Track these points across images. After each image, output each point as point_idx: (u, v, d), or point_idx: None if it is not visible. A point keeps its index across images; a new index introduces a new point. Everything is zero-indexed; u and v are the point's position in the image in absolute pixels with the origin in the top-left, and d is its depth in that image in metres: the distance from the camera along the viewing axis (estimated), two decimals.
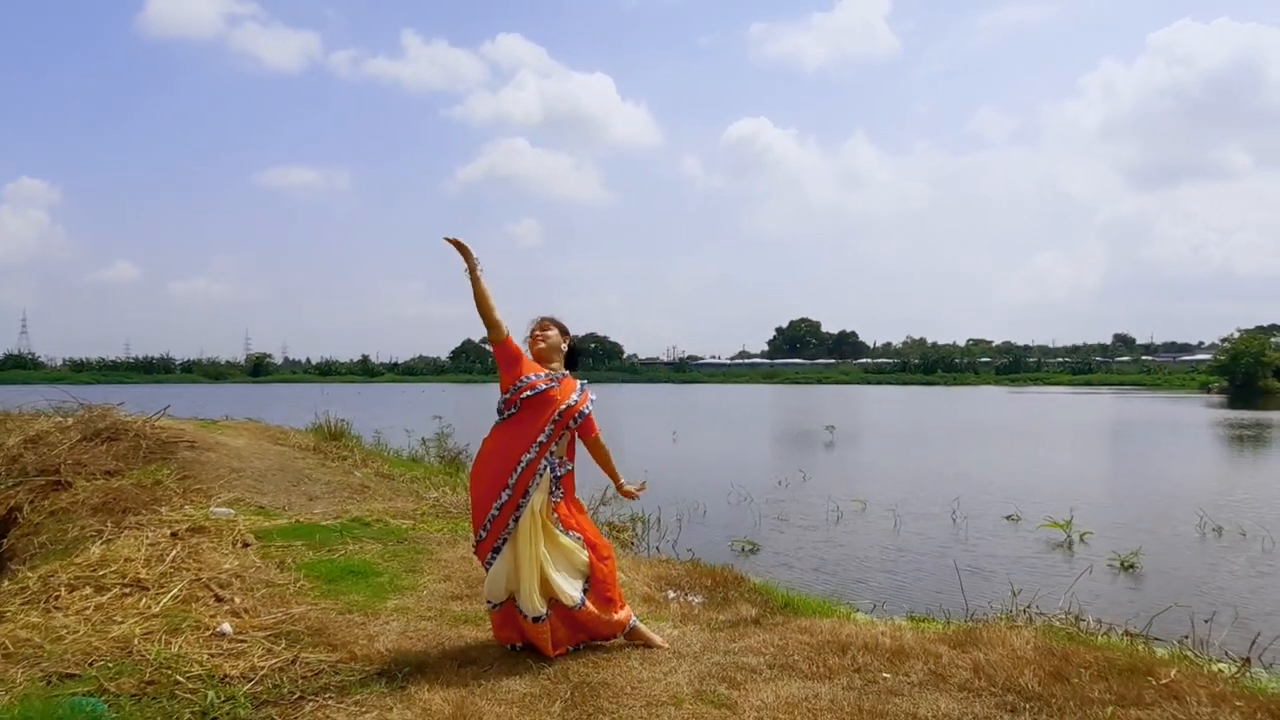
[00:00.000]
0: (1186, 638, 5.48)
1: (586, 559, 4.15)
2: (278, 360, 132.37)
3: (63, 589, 4.66)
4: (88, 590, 4.66)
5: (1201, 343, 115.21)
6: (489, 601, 4.13)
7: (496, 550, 4.03)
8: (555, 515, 4.10)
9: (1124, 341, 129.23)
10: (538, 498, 4.04)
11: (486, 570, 4.11)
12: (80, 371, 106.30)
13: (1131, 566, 8.01)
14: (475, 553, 4.20)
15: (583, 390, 4.30)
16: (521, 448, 4.02)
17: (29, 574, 5.04)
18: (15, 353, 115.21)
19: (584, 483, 4.29)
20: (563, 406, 4.11)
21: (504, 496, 3.98)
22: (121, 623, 4.17)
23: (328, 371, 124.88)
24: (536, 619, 4.02)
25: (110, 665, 3.66)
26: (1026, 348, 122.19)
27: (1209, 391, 67.11)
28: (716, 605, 5.31)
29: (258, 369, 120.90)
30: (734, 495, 11.72)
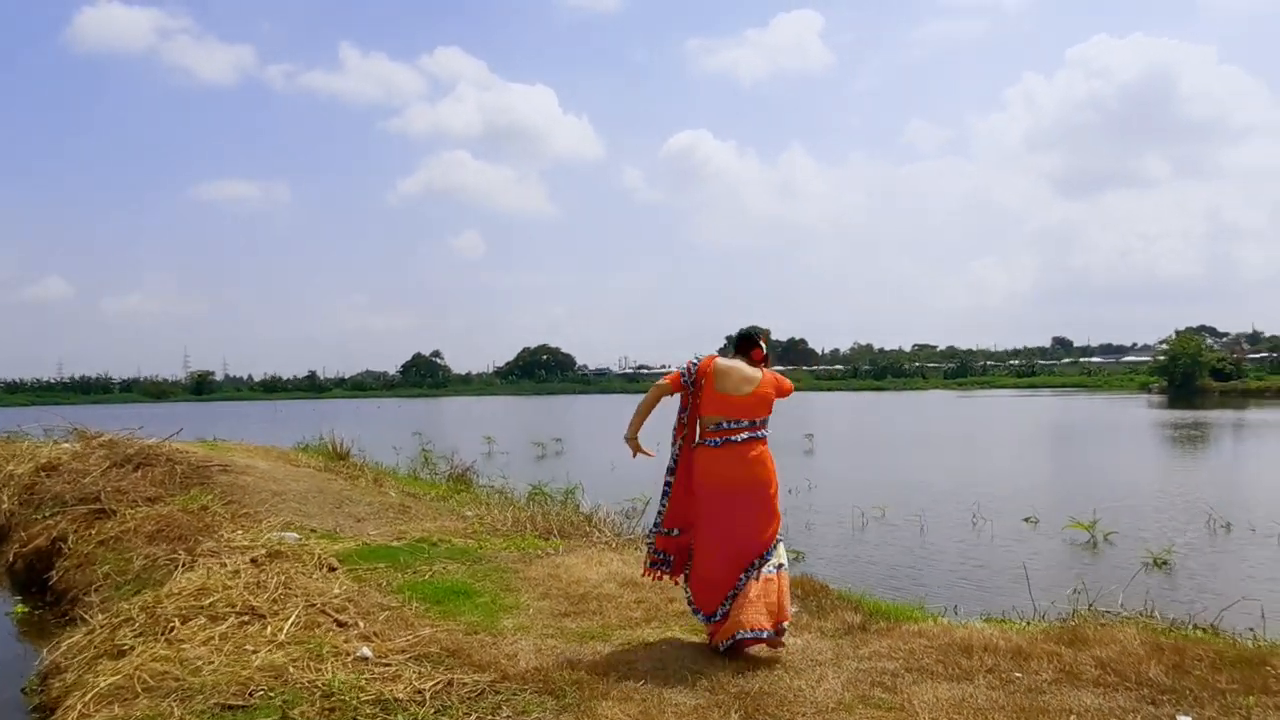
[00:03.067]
0: (1252, 629, 5.72)
1: None
2: (219, 377, 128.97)
3: (175, 620, 4.56)
4: (202, 620, 4.56)
5: (1135, 344, 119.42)
6: None
7: None
8: None
9: (1062, 344, 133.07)
10: None
11: None
12: (15, 393, 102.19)
13: (1165, 563, 8.33)
14: None
15: None
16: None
17: (126, 605, 4.91)
18: None
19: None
20: None
21: None
22: (256, 652, 4.10)
23: (273, 388, 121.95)
24: None
25: (274, 693, 3.61)
26: (970, 352, 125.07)
27: (1149, 391, 69.46)
28: (814, 613, 5.39)
29: (200, 386, 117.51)
30: None
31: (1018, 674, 4.17)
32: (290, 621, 4.51)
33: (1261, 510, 11.63)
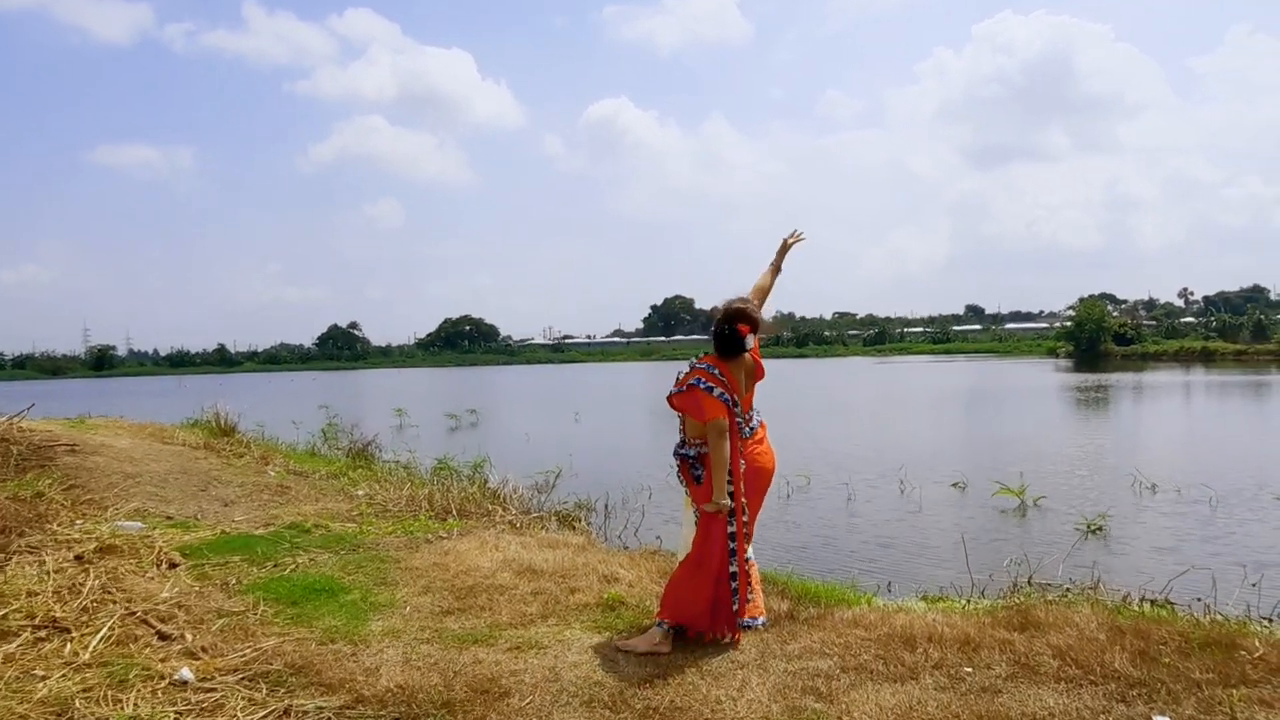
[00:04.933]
0: (1200, 599, 5.36)
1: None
2: (122, 352, 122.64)
3: None
4: None
5: (1042, 311, 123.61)
6: None
7: None
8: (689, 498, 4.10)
9: (975, 311, 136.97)
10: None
11: None
12: None
13: (1100, 529, 8.03)
14: None
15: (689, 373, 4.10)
16: None
17: None
18: None
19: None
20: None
21: None
22: (46, 678, 3.24)
23: (181, 363, 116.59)
24: None
25: None
26: (888, 319, 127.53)
27: (1057, 356, 71.76)
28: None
29: (101, 361, 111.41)
30: (669, 475, 11.20)
31: (968, 669, 3.61)
32: (100, 636, 3.65)
33: (1177, 470, 11.59)
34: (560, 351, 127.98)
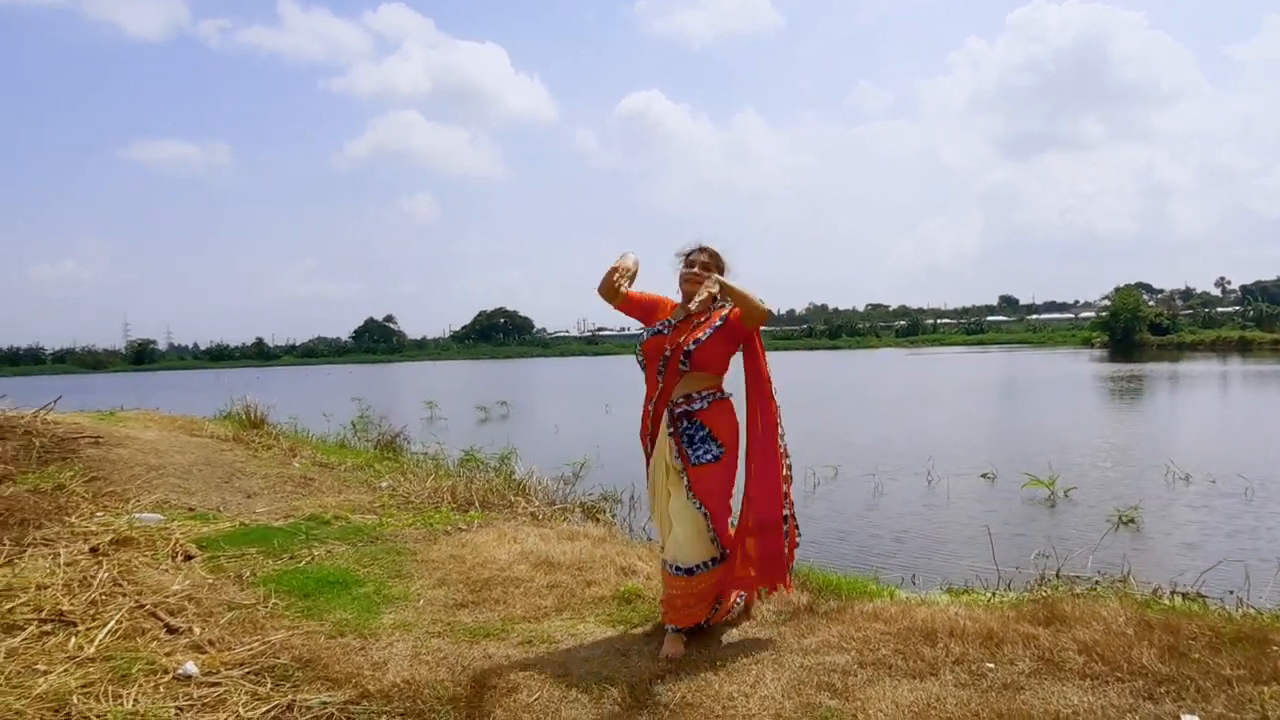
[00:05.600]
0: (1232, 592, 5.18)
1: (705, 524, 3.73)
2: (162, 346, 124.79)
3: None
4: None
5: (1078, 301, 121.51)
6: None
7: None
8: (681, 467, 3.65)
9: (1008, 302, 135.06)
10: (663, 442, 3.68)
11: None
12: None
13: (1131, 521, 7.80)
14: None
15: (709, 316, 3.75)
16: (648, 399, 3.78)
17: None
18: None
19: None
20: (667, 351, 3.69)
21: (648, 447, 3.81)
22: (47, 672, 3.23)
23: (220, 356, 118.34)
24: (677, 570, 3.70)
25: None
26: (920, 311, 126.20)
27: (1092, 346, 70.50)
28: (757, 592, 4.67)
29: (141, 356, 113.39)
30: None
31: (990, 665, 3.49)
32: (107, 629, 3.64)
33: (1212, 461, 11.27)
34: (594, 344, 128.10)
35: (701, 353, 3.65)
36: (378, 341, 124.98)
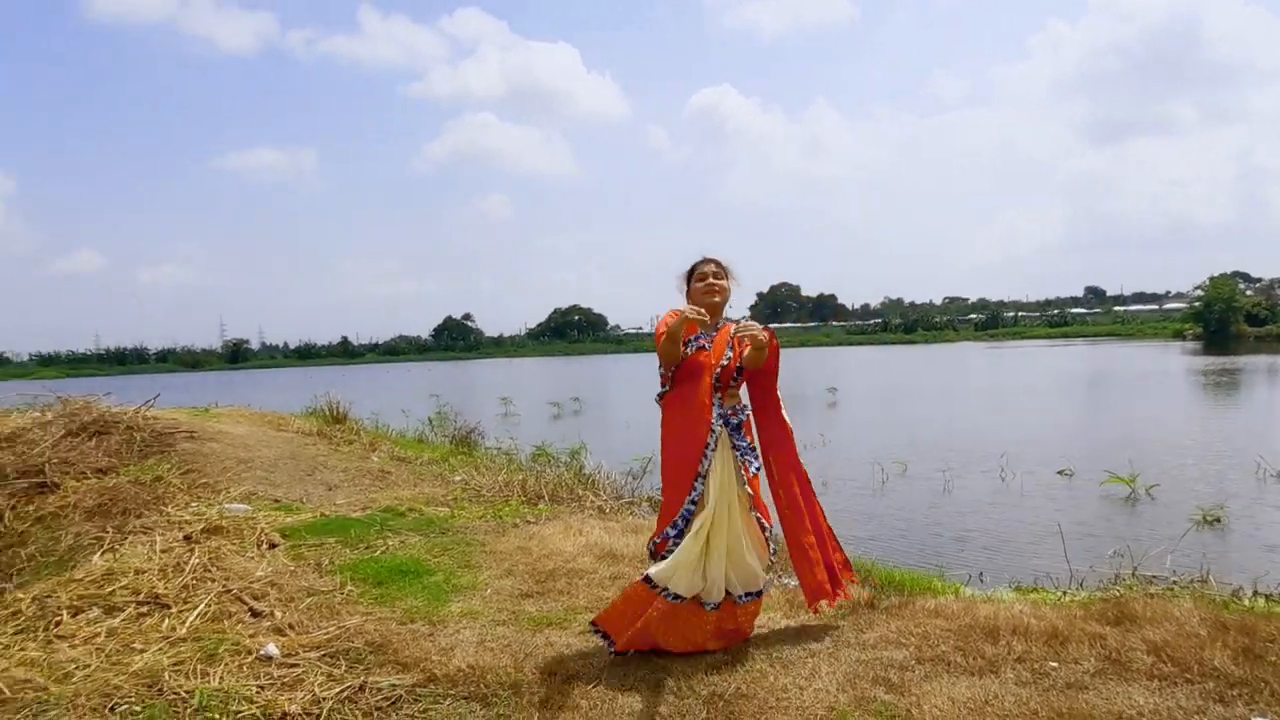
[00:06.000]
0: None
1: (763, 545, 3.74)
2: (254, 345, 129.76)
3: (65, 612, 3.94)
4: (95, 612, 3.95)
5: (1169, 292, 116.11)
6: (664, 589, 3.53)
7: (680, 535, 3.52)
8: (744, 480, 3.62)
9: (1095, 294, 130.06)
10: (720, 459, 3.57)
11: (658, 557, 3.59)
12: (48, 366, 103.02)
13: (1217, 520, 7.50)
14: (654, 549, 3.67)
15: (736, 335, 3.71)
16: (702, 427, 3.58)
17: (20, 595, 4.30)
18: None
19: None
20: (718, 369, 3.66)
21: (696, 485, 3.54)
22: (143, 651, 3.47)
23: (307, 355, 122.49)
24: (714, 607, 3.55)
25: (139, 710, 2.97)
26: (1001, 304, 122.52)
27: (1184, 339, 67.35)
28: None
29: (236, 355, 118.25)
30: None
31: (1053, 664, 3.44)
32: (197, 612, 3.88)
33: None
34: None
35: (742, 377, 3.77)
36: (456, 339, 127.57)
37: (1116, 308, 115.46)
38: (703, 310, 3.46)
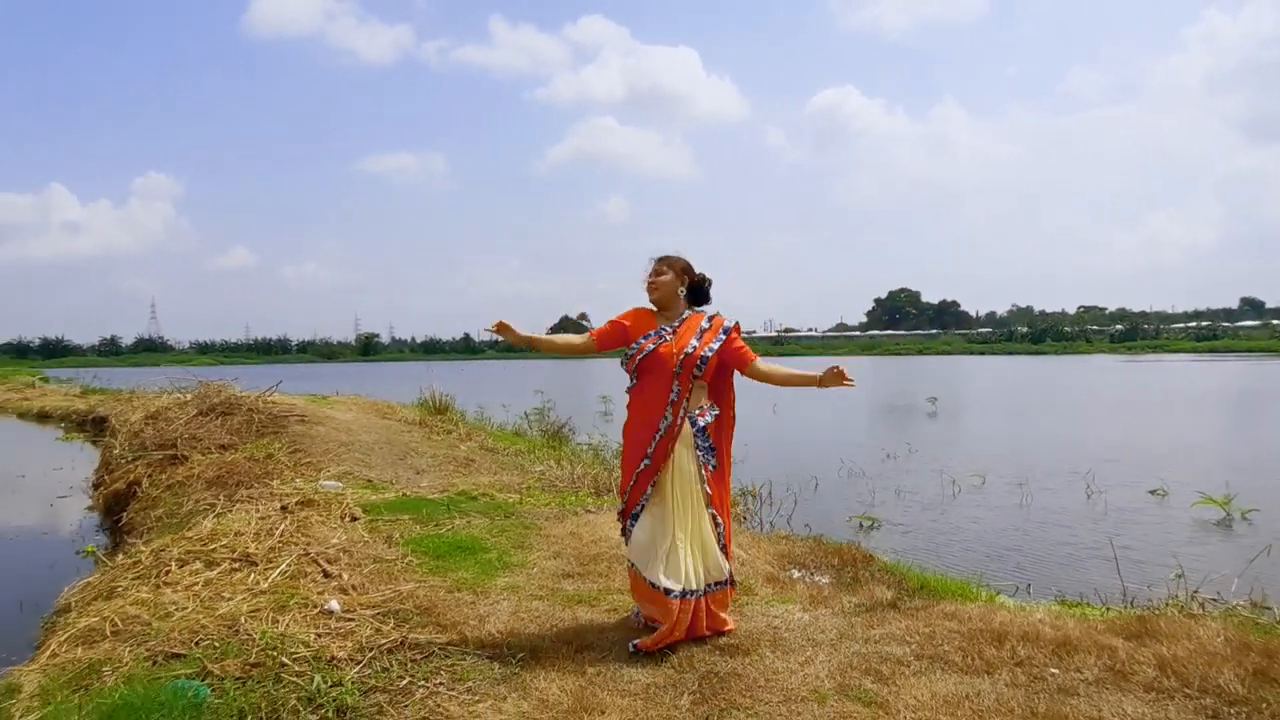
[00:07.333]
0: None
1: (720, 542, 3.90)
2: (385, 340, 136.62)
3: (174, 564, 4.59)
4: (198, 565, 4.57)
5: None
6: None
7: (635, 518, 3.79)
8: (705, 484, 3.78)
9: (1252, 305, 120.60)
10: (684, 454, 3.74)
11: (625, 540, 3.89)
12: (204, 353, 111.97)
13: None
14: (620, 520, 3.95)
15: (709, 326, 3.90)
16: (657, 414, 3.75)
17: (143, 549, 5.01)
18: (146, 337, 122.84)
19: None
20: (681, 357, 3.78)
21: (643, 465, 3.75)
22: (230, 599, 4.04)
23: (431, 349, 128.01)
24: (682, 595, 3.68)
25: (216, 646, 3.50)
26: (1143, 314, 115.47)
27: None
28: (846, 586, 4.88)
29: (367, 348, 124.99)
30: (844, 469, 11.19)
31: (1053, 670, 3.54)
32: (279, 570, 4.44)
33: None
34: (780, 344, 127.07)
35: (711, 363, 3.82)
36: None
37: (1276, 321, 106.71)
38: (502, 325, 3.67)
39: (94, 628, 3.86)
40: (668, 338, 3.83)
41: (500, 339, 3.74)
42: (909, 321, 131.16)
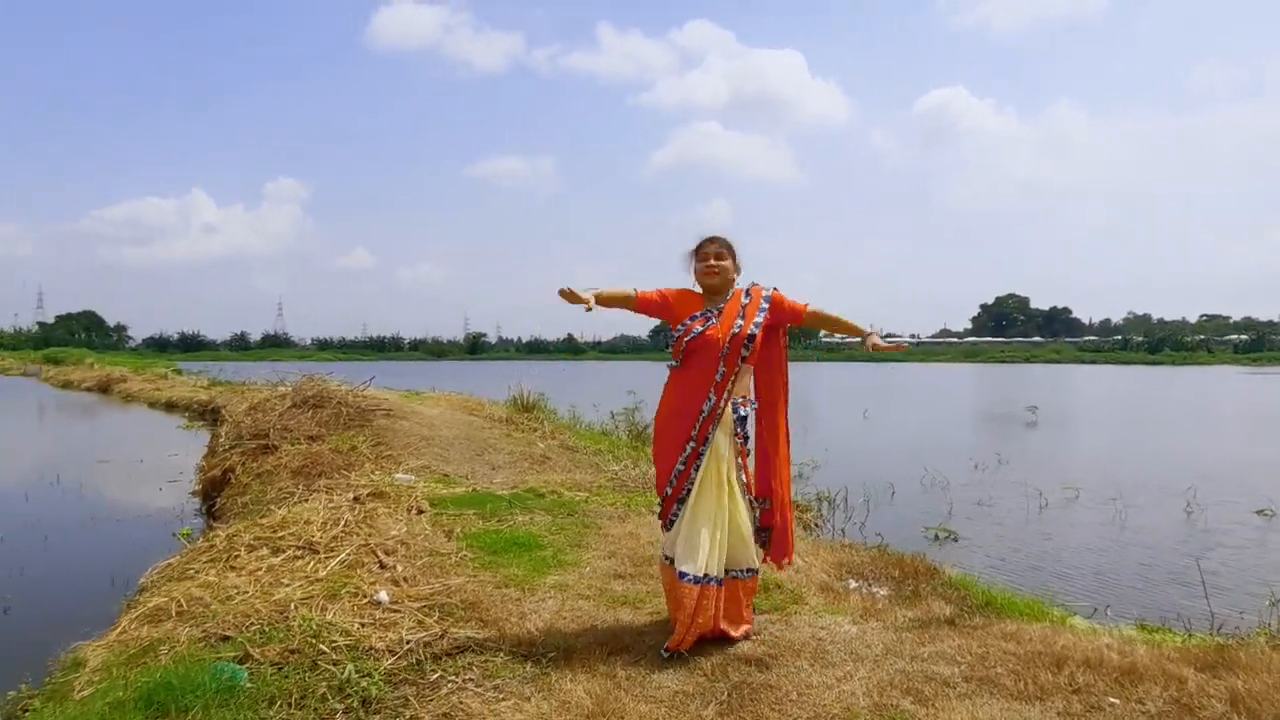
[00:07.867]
0: None
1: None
2: (492, 339, 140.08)
3: (243, 549, 4.82)
4: (264, 551, 4.78)
5: None
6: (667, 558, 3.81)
7: (681, 502, 3.74)
8: (741, 470, 3.75)
9: None
10: (722, 440, 3.70)
11: (666, 531, 3.85)
12: (324, 350, 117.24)
13: None
14: (659, 515, 3.90)
15: (748, 300, 3.85)
16: (700, 396, 3.70)
17: (219, 533, 5.28)
18: (273, 333, 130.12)
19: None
20: (728, 339, 3.74)
21: (688, 449, 3.68)
22: (287, 585, 4.20)
23: (536, 349, 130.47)
24: (697, 580, 3.62)
25: (264, 630, 3.65)
26: (1271, 324, 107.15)
27: None
28: (904, 600, 4.71)
29: (475, 347, 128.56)
30: (927, 478, 10.79)
31: (1113, 700, 3.32)
32: (338, 559, 4.60)
33: None
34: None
35: (757, 340, 3.77)
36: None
37: None
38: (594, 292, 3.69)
39: (161, 607, 4.09)
40: (714, 320, 3.78)
41: (586, 307, 3.71)
42: (1017, 328, 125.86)
